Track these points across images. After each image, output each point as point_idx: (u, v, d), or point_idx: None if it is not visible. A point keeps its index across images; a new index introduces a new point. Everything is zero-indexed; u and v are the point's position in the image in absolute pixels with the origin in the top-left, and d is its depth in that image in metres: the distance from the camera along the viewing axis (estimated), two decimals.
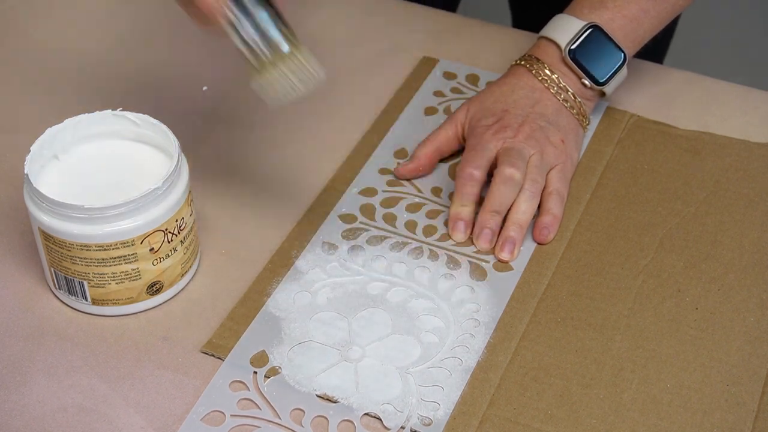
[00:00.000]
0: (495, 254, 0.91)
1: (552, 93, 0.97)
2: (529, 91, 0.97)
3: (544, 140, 0.94)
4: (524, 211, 0.91)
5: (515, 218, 0.91)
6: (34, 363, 0.83)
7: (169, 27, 1.13)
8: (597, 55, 0.97)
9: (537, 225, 0.92)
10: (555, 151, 0.94)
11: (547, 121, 0.95)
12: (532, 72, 0.98)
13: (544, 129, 0.95)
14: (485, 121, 0.96)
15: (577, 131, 0.98)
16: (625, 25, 0.98)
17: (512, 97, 0.97)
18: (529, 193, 0.92)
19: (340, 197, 0.95)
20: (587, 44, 0.97)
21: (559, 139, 0.95)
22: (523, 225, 0.91)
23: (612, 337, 0.85)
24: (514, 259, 0.91)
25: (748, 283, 0.89)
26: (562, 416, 0.80)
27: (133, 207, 0.81)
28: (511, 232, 0.91)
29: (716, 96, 1.06)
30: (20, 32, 1.13)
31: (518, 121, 0.95)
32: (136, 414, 0.80)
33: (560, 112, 0.97)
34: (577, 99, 0.97)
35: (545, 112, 0.96)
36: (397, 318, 0.86)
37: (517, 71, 0.99)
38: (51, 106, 1.04)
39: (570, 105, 0.97)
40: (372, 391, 0.81)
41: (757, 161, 0.99)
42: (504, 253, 0.90)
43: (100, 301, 0.85)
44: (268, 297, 0.87)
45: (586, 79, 0.97)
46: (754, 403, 0.81)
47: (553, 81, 0.97)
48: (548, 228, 0.92)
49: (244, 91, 1.06)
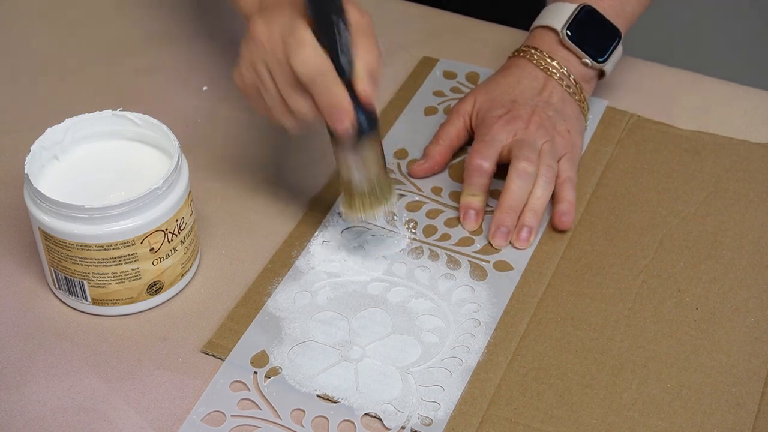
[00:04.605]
0: (511, 242, 0.92)
1: (556, 80, 0.98)
2: (534, 80, 0.98)
3: (552, 129, 0.95)
4: (539, 197, 0.92)
5: (531, 205, 0.92)
6: (34, 363, 0.83)
7: (170, 27, 1.13)
8: (593, 33, 0.99)
9: (555, 213, 0.93)
10: (563, 140, 0.95)
11: (554, 110, 0.96)
12: (532, 62, 0.99)
13: (552, 118, 0.96)
14: (495, 111, 0.96)
15: (580, 119, 0.99)
16: (614, 5, 1.00)
17: (519, 87, 0.98)
18: (544, 180, 0.92)
19: (341, 197, 0.95)
20: (582, 24, 0.98)
21: (566, 129, 0.96)
22: (539, 212, 0.92)
23: (612, 337, 0.85)
24: (529, 246, 0.91)
25: (748, 283, 0.89)
26: (562, 416, 0.80)
27: (133, 207, 0.81)
28: (527, 219, 0.92)
29: (716, 96, 1.06)
30: (20, 32, 1.13)
31: (528, 111, 0.95)
32: (136, 414, 0.80)
33: (565, 100, 0.98)
34: (578, 84, 0.98)
35: (552, 100, 0.97)
36: (398, 318, 0.86)
37: (518, 62, 1.00)
38: (51, 106, 1.04)
39: (573, 91, 0.98)
40: (372, 391, 0.81)
41: (757, 161, 0.99)
42: (521, 240, 0.91)
43: (100, 301, 0.85)
44: (269, 297, 0.87)
45: (586, 58, 0.98)
46: (754, 403, 0.81)
47: (555, 68, 0.98)
48: (567, 215, 0.92)
49: None
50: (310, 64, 0.80)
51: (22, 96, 1.06)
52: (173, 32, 1.12)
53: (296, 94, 0.82)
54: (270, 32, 0.82)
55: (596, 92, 1.06)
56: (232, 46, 1.10)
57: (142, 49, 1.11)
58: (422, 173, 0.97)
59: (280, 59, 0.82)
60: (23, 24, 1.14)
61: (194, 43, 1.11)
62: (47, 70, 1.09)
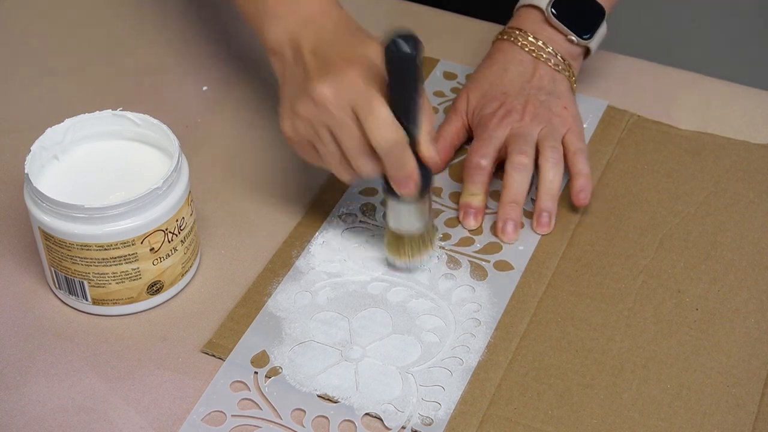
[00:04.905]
0: (533, 229, 0.92)
1: (543, 61, 0.98)
2: (521, 65, 0.98)
3: (548, 114, 0.95)
4: (552, 180, 0.93)
5: (546, 189, 0.92)
6: (34, 363, 0.83)
7: (169, 27, 1.13)
8: (577, 11, 0.99)
9: (573, 190, 0.93)
10: (561, 119, 0.96)
11: (546, 93, 0.96)
12: (517, 44, 0.99)
13: (546, 102, 0.96)
14: (488, 108, 0.96)
15: (572, 93, 0.99)
16: None
17: (507, 76, 0.98)
18: (552, 161, 0.93)
19: (341, 197, 0.95)
20: (567, 2, 0.99)
21: (562, 106, 0.96)
22: (555, 194, 0.93)
23: (612, 337, 0.85)
24: (551, 230, 0.92)
25: (748, 283, 0.89)
26: (562, 416, 0.80)
27: (133, 207, 0.81)
28: (545, 204, 0.92)
29: (716, 96, 1.06)
30: (20, 32, 1.13)
31: (521, 102, 0.96)
32: (136, 414, 0.80)
33: (555, 78, 0.98)
34: (566, 61, 0.99)
35: (542, 84, 0.97)
36: (398, 318, 0.86)
37: (502, 47, 1.00)
38: (51, 106, 1.04)
39: (562, 68, 0.98)
40: (372, 391, 0.81)
41: (757, 161, 0.99)
42: (541, 225, 0.92)
43: (100, 300, 0.85)
44: (269, 297, 0.87)
45: (572, 35, 0.99)
46: (754, 404, 0.81)
47: (540, 48, 0.98)
48: (584, 191, 0.93)
49: (244, 91, 1.06)
50: (390, 140, 0.81)
51: (22, 96, 1.06)
52: (173, 32, 1.12)
53: (364, 158, 0.83)
54: (338, 99, 0.81)
55: (596, 92, 1.06)
56: (233, 46, 1.10)
57: (142, 49, 1.11)
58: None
59: (350, 127, 0.82)
60: (23, 24, 1.14)
61: (194, 43, 1.11)
62: (47, 70, 1.09)
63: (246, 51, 1.09)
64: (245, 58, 1.09)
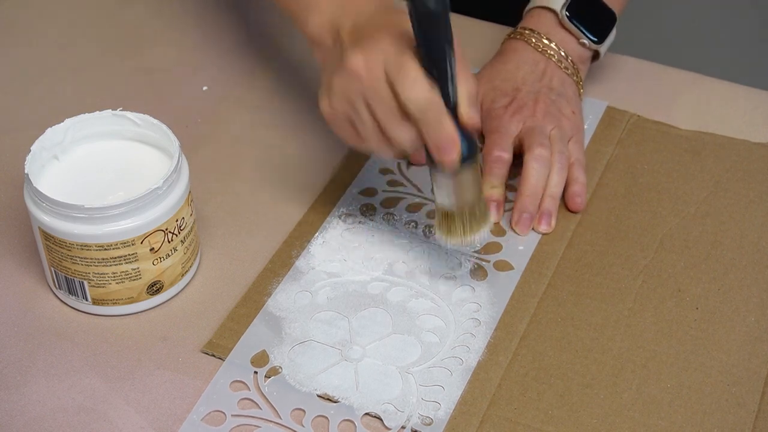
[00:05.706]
0: (534, 228, 0.93)
1: (554, 62, 0.99)
2: (534, 64, 0.99)
3: (558, 114, 0.96)
4: (557, 183, 0.94)
5: (550, 191, 0.94)
6: (34, 363, 0.83)
7: (170, 27, 1.13)
8: (590, 15, 1.00)
9: (569, 195, 0.94)
10: (569, 123, 0.96)
11: (557, 94, 0.97)
12: (530, 44, 0.99)
13: (556, 102, 0.97)
14: (499, 102, 0.97)
15: (579, 99, 1.00)
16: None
17: (519, 73, 0.98)
18: (559, 166, 0.94)
19: (340, 197, 0.95)
20: (580, 5, 0.99)
21: (571, 110, 0.97)
22: (557, 197, 0.94)
23: (612, 337, 0.85)
24: (551, 230, 0.93)
25: (748, 283, 0.89)
26: (562, 416, 0.80)
27: (133, 207, 0.81)
28: (547, 205, 0.93)
29: (716, 96, 1.06)
30: (20, 32, 1.13)
31: (532, 99, 0.97)
32: (136, 414, 0.80)
33: (565, 82, 0.99)
34: (575, 65, 0.99)
35: (553, 84, 0.98)
36: (398, 318, 0.86)
37: (515, 45, 1.00)
38: (51, 106, 1.04)
39: (570, 72, 0.99)
40: (372, 391, 0.81)
41: (757, 161, 0.99)
42: (543, 225, 0.93)
43: (100, 300, 0.85)
44: (269, 297, 0.87)
45: (584, 39, 0.99)
46: (755, 403, 0.81)
47: (553, 50, 0.99)
48: (580, 196, 0.94)
49: (244, 91, 1.06)
50: (423, 99, 0.78)
51: (22, 96, 1.06)
52: (173, 32, 1.12)
53: (400, 125, 0.80)
54: (370, 65, 0.79)
55: (596, 92, 1.06)
56: (233, 46, 1.10)
57: (142, 49, 1.11)
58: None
59: (382, 93, 0.79)
60: (23, 24, 1.14)
61: (194, 43, 1.11)
62: (47, 70, 1.09)
63: (246, 51, 1.10)
64: (245, 58, 1.09)
